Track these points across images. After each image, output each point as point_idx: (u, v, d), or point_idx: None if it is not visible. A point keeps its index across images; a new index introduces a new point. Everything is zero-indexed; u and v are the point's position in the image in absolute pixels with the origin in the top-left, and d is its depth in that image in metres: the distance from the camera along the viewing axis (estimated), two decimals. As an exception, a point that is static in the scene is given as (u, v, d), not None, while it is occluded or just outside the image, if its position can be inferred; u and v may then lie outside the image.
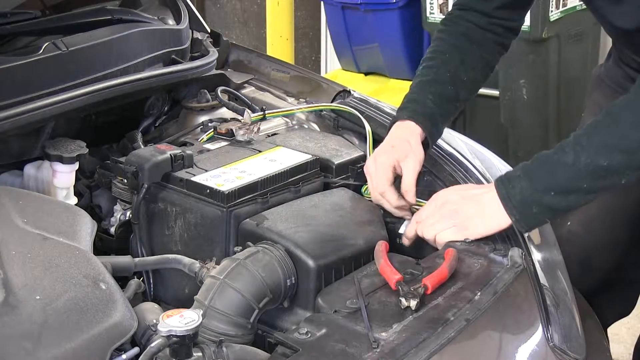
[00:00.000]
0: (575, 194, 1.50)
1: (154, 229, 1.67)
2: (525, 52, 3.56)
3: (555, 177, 1.50)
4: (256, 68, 2.33)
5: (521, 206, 1.52)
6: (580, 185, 1.49)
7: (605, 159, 1.47)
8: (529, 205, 1.51)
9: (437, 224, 1.58)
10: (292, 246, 1.49)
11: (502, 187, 1.54)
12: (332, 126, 2.02)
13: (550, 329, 1.51)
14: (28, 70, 1.71)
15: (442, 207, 1.59)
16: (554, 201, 1.51)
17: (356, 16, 4.06)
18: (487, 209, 1.55)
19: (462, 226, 1.56)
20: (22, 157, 1.77)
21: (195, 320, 1.21)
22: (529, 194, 1.51)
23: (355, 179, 1.80)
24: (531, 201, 1.51)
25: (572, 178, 1.49)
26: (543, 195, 1.50)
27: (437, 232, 1.57)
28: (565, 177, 1.49)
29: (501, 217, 1.54)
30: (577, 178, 1.49)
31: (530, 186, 1.51)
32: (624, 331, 2.68)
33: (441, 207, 1.59)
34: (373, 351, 1.25)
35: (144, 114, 2.03)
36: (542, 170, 1.52)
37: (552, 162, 1.51)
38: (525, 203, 1.51)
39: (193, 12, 2.29)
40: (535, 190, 1.51)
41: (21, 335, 1.14)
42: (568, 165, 1.49)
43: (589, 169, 1.48)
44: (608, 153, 1.47)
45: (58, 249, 1.34)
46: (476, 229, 1.56)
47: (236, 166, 1.69)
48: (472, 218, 1.56)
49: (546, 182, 1.50)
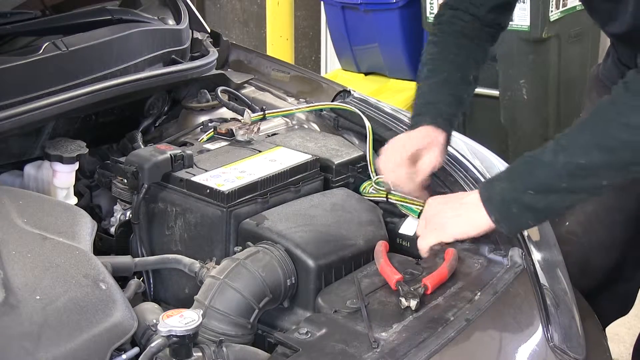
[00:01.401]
0: (555, 194, 1.47)
1: (154, 229, 1.67)
2: (525, 52, 3.56)
3: (533, 176, 1.47)
4: (256, 68, 2.33)
5: (501, 205, 1.49)
6: (559, 185, 1.46)
7: (584, 157, 1.44)
8: (508, 205, 1.49)
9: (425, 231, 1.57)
10: (292, 246, 1.49)
11: (484, 189, 1.52)
12: (332, 126, 2.02)
13: (550, 329, 1.51)
14: (28, 70, 1.71)
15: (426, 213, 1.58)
16: (534, 201, 1.47)
17: (356, 16, 4.07)
18: (466, 210, 1.53)
19: (440, 227, 1.54)
20: (22, 157, 1.77)
21: (195, 320, 1.21)
22: (508, 193, 1.48)
23: (355, 179, 1.80)
24: (510, 199, 1.48)
25: (550, 177, 1.46)
26: (522, 194, 1.47)
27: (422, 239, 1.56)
28: (544, 175, 1.47)
29: (480, 218, 1.51)
30: (555, 177, 1.46)
31: (510, 185, 1.49)
32: (624, 331, 2.68)
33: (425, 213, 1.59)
34: (373, 351, 1.25)
35: (144, 114, 2.03)
36: (522, 169, 1.50)
37: (532, 161, 1.49)
38: (504, 202, 1.49)
39: (193, 12, 2.29)
40: (514, 189, 1.48)
41: (21, 335, 1.14)
42: (546, 163, 1.46)
43: (567, 168, 1.45)
44: (587, 151, 1.44)
45: (58, 249, 1.34)
46: (454, 229, 1.53)
47: (236, 166, 1.69)
48: (451, 218, 1.54)
49: (525, 181, 1.48)
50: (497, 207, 1.49)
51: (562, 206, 1.50)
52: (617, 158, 1.43)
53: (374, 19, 3.99)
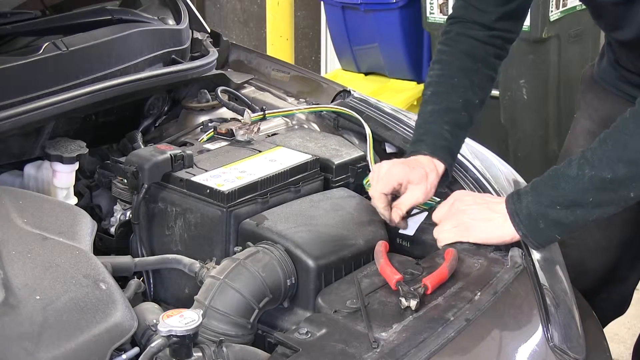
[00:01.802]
0: (582, 209, 1.48)
1: (154, 229, 1.67)
2: (525, 52, 3.56)
3: (560, 191, 1.48)
4: (256, 68, 2.33)
5: (527, 221, 1.51)
6: (586, 199, 1.47)
7: (609, 171, 1.44)
8: (536, 220, 1.50)
9: (444, 223, 1.58)
10: (292, 246, 1.49)
11: (511, 202, 1.53)
12: (332, 126, 2.02)
13: (550, 329, 1.51)
14: (28, 70, 1.71)
15: (453, 205, 1.59)
16: (560, 215, 1.48)
17: (356, 16, 4.06)
18: (495, 217, 1.54)
19: (465, 227, 1.56)
20: (22, 157, 1.77)
21: (195, 320, 1.21)
22: (535, 209, 1.50)
23: (355, 179, 1.80)
24: (537, 215, 1.50)
25: (576, 191, 1.47)
26: (549, 209, 1.49)
27: (441, 231, 1.57)
28: (570, 190, 1.47)
29: (506, 230, 1.53)
30: (582, 191, 1.46)
31: (536, 200, 1.50)
32: (624, 331, 2.68)
33: (452, 205, 1.59)
34: (373, 351, 1.25)
35: (144, 114, 2.03)
36: (547, 184, 1.50)
37: (558, 176, 1.49)
38: (531, 217, 1.50)
39: (193, 12, 2.29)
40: (540, 204, 1.49)
41: (21, 335, 1.14)
42: (572, 178, 1.47)
43: (593, 182, 1.45)
44: (612, 165, 1.44)
45: (58, 249, 1.34)
46: (478, 232, 1.55)
47: (236, 166, 1.69)
48: (478, 222, 1.55)
49: (551, 196, 1.49)
50: (524, 222, 1.51)
51: (589, 219, 1.50)
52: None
53: (374, 19, 3.99)
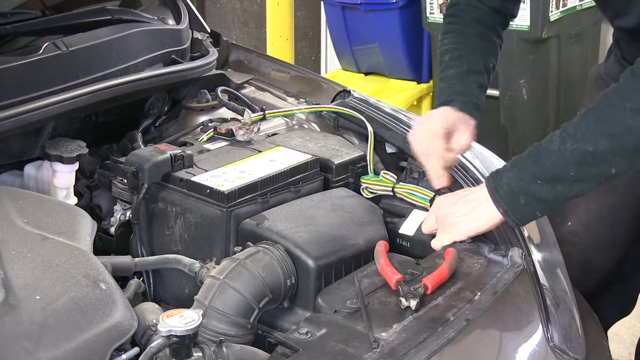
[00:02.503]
0: (563, 183, 1.46)
1: (154, 229, 1.67)
2: (525, 52, 3.56)
3: (541, 165, 1.47)
4: (256, 68, 2.33)
5: (509, 197, 1.49)
6: (567, 173, 1.45)
7: (591, 144, 1.42)
8: (516, 195, 1.48)
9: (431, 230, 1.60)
10: (292, 246, 1.49)
11: (492, 180, 1.53)
12: (332, 126, 2.02)
13: (550, 329, 1.51)
14: (28, 70, 1.71)
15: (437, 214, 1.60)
16: (542, 191, 1.47)
17: (356, 16, 4.06)
18: (478, 206, 1.54)
19: (453, 228, 1.56)
20: (22, 157, 1.77)
21: (195, 320, 1.21)
22: (516, 184, 1.48)
23: (355, 179, 1.80)
24: (518, 190, 1.48)
25: (558, 165, 1.45)
26: (530, 184, 1.47)
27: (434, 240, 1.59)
28: (551, 164, 1.46)
29: (489, 213, 1.52)
30: (563, 165, 1.45)
31: (517, 175, 1.49)
32: (624, 331, 2.68)
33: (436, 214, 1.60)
34: (373, 351, 1.25)
35: (144, 114, 2.03)
36: (529, 159, 1.50)
37: (539, 150, 1.49)
38: (512, 193, 1.48)
39: (193, 12, 2.29)
40: (521, 179, 1.48)
41: (21, 335, 1.14)
42: (554, 152, 1.45)
43: (574, 155, 1.44)
44: (594, 138, 1.42)
45: (58, 249, 1.34)
46: (465, 226, 1.55)
47: (236, 166, 1.69)
48: (461, 218, 1.55)
49: (532, 171, 1.47)
50: (504, 198, 1.49)
51: (570, 196, 1.49)
52: (624, 144, 1.42)
53: (374, 19, 3.99)
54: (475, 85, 1.76)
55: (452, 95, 1.74)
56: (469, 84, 1.76)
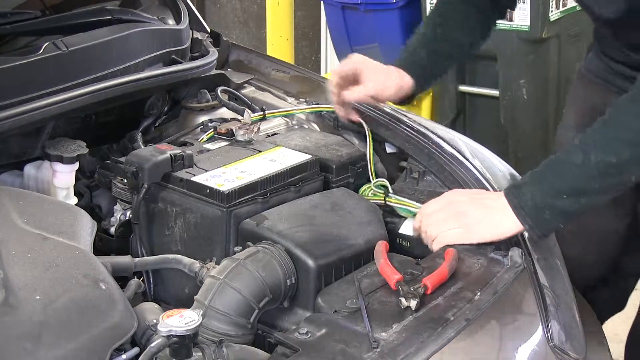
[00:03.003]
0: (587, 196, 1.48)
1: (154, 229, 1.67)
2: (525, 52, 3.56)
3: (565, 179, 1.48)
4: (256, 68, 2.33)
5: (534, 213, 1.50)
6: (592, 186, 1.47)
7: (614, 155, 1.44)
8: (542, 211, 1.49)
9: (443, 223, 1.56)
10: (292, 246, 1.49)
11: (513, 196, 1.51)
12: (332, 126, 2.02)
13: (550, 329, 1.51)
14: (28, 70, 1.71)
15: (449, 207, 1.57)
16: (566, 204, 1.48)
17: (356, 16, 4.06)
18: (495, 215, 1.53)
19: (467, 230, 1.54)
20: (22, 157, 1.77)
21: (195, 320, 1.21)
22: (540, 200, 1.49)
23: (355, 179, 1.80)
24: (543, 206, 1.49)
25: (582, 179, 1.47)
26: (555, 199, 1.48)
27: (441, 231, 1.56)
28: (576, 178, 1.47)
29: (509, 225, 1.52)
30: (587, 178, 1.46)
31: (541, 190, 1.49)
32: (624, 331, 2.68)
33: (448, 206, 1.57)
34: (373, 351, 1.25)
35: (144, 114, 2.03)
36: (551, 173, 1.50)
37: (561, 164, 1.49)
38: (537, 209, 1.49)
39: (193, 12, 2.29)
40: (546, 194, 1.48)
41: (21, 335, 1.14)
42: (577, 165, 1.46)
43: (599, 167, 1.45)
44: (616, 148, 1.44)
45: (58, 249, 1.34)
46: (481, 233, 1.54)
47: (236, 166, 1.69)
48: (479, 223, 1.54)
49: (556, 186, 1.48)
50: (530, 214, 1.50)
51: (591, 206, 1.50)
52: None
53: (374, 19, 3.99)
54: (430, 50, 1.81)
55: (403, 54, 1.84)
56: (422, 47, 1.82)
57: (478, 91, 3.83)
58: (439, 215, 1.57)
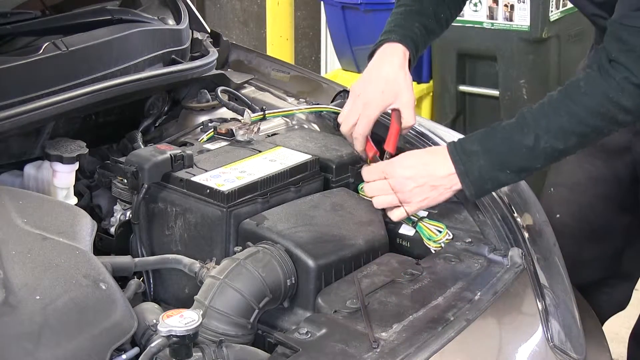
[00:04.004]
0: (528, 172, 1.59)
1: (154, 229, 1.67)
2: (525, 52, 3.56)
3: (514, 158, 1.56)
4: (256, 68, 2.33)
5: (478, 182, 1.57)
6: (535, 166, 1.57)
7: (563, 142, 1.54)
8: (485, 182, 1.57)
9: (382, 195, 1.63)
10: (292, 246, 1.49)
11: (460, 162, 1.57)
12: (332, 126, 2.02)
13: (550, 329, 1.51)
14: (28, 70, 1.71)
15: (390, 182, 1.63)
16: (508, 178, 1.59)
17: (356, 16, 4.07)
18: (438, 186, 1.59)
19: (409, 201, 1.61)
20: (22, 157, 1.77)
21: (195, 320, 1.21)
22: (487, 172, 1.56)
23: (355, 179, 1.80)
24: (488, 178, 1.57)
25: (530, 160, 1.56)
26: (499, 172, 1.56)
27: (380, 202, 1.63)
28: (524, 158, 1.56)
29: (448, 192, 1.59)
30: (534, 159, 1.56)
31: (489, 164, 1.56)
32: (624, 331, 2.68)
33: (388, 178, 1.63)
34: (373, 351, 1.25)
35: (144, 114, 2.03)
36: (502, 149, 1.56)
37: (513, 142, 1.56)
38: (482, 179, 1.57)
39: (193, 12, 2.29)
40: (492, 167, 1.56)
41: (21, 335, 1.14)
42: (528, 147, 1.54)
43: (546, 151, 1.54)
44: (566, 137, 1.53)
45: (58, 249, 1.34)
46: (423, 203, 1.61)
47: (236, 166, 1.69)
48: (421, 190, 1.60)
49: (505, 162, 1.56)
50: (474, 183, 1.57)
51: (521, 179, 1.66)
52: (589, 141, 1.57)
53: (374, 19, 3.99)
54: (419, 24, 1.82)
55: (394, 28, 1.83)
56: (412, 21, 1.83)
57: (478, 91, 3.84)
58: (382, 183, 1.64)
